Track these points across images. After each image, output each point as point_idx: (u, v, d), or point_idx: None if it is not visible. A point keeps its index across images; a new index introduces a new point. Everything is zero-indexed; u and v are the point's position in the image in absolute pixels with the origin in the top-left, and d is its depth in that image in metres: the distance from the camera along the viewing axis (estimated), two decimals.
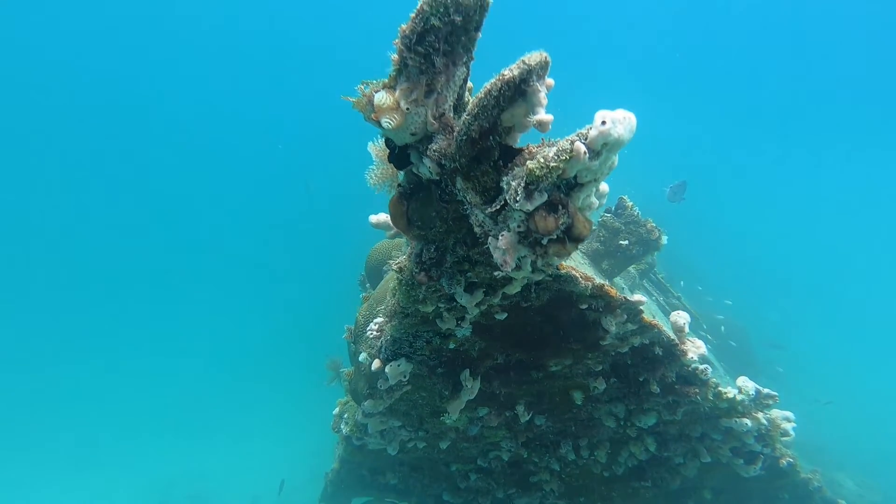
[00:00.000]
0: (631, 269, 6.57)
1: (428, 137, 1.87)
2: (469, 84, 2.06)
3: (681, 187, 11.07)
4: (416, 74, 1.70)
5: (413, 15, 1.59)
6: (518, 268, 1.91)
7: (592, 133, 1.48)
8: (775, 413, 4.28)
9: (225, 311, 31.92)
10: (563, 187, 1.63)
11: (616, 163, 1.68)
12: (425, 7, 1.56)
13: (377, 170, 2.07)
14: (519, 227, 1.69)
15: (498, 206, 1.72)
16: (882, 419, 17.19)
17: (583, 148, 1.50)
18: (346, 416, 4.57)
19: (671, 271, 16.27)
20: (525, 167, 1.60)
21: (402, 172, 2.10)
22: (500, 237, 1.74)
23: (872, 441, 15.40)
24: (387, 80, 1.79)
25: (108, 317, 31.64)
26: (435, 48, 1.64)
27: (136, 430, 19.50)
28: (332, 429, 4.69)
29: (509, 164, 1.83)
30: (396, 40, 1.66)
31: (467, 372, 3.25)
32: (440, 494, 5.23)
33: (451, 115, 1.89)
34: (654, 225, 5.07)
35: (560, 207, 1.61)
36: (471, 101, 1.72)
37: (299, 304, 30.18)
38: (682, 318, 3.19)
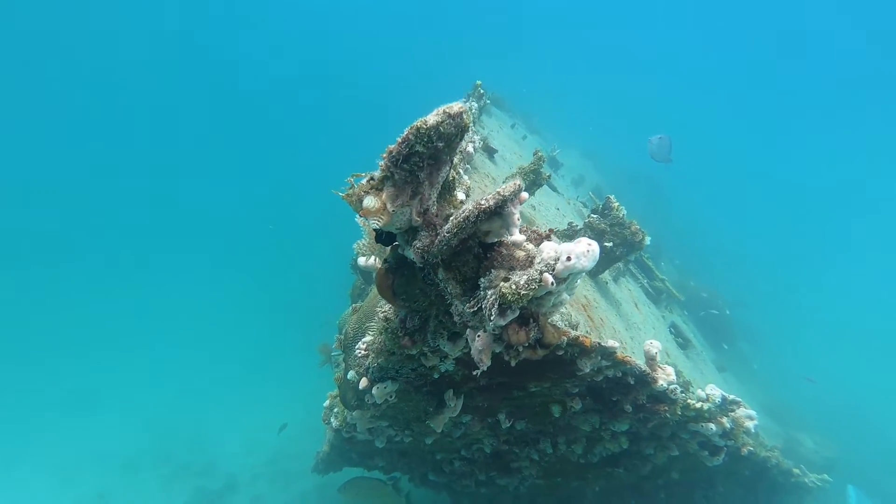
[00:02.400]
0: None
1: (413, 229, 1.93)
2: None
3: (665, 144, 10.51)
4: (402, 183, 1.76)
5: (399, 140, 1.66)
6: None
7: (559, 267, 1.60)
8: (739, 412, 4.57)
9: (221, 266, 32.21)
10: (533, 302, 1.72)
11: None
12: (410, 137, 1.63)
13: (365, 242, 2.14)
14: (494, 330, 1.79)
15: (475, 308, 1.80)
16: (846, 376, 18.20)
17: (550, 279, 1.60)
18: (335, 410, 4.77)
19: (666, 244, 16.60)
20: (499, 287, 1.68)
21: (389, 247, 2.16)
22: (476, 337, 1.83)
23: (836, 397, 16.36)
24: (374, 181, 1.84)
25: (110, 269, 31.92)
26: (419, 166, 1.71)
27: (134, 377, 20.01)
28: (323, 420, 4.90)
29: (490, 256, 1.92)
30: (384, 157, 1.72)
31: (451, 392, 3.42)
32: (426, 474, 5.58)
33: (435, 208, 1.95)
34: (638, 227, 5.15)
35: (531, 321, 1.72)
36: (451, 218, 1.76)
37: (298, 260, 30.54)
38: (653, 347, 3.35)
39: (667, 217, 19.91)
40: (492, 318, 1.68)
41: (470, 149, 3.58)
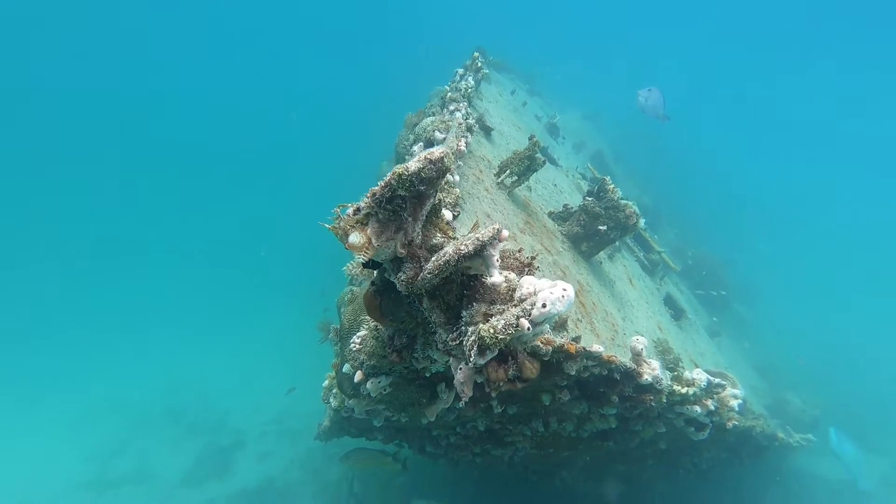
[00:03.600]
0: None
1: (398, 259, 1.97)
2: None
3: (656, 98, 9.72)
4: (386, 220, 1.79)
5: (382, 184, 1.69)
6: None
7: (535, 313, 1.65)
8: (724, 393, 4.73)
9: (227, 224, 32.53)
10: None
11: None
12: (392, 182, 1.66)
13: (355, 264, 2.18)
14: (475, 367, 1.86)
15: (457, 342, 1.87)
16: (833, 334, 18.58)
17: (526, 324, 1.66)
18: (334, 391, 4.94)
19: (666, 207, 16.54)
20: (478, 329, 1.73)
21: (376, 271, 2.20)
22: (458, 370, 1.91)
23: (824, 355, 16.77)
24: (359, 213, 1.86)
25: (117, 226, 32.35)
26: (402, 206, 1.73)
27: (143, 336, 20.54)
28: (322, 400, 5.08)
29: (472, 285, 1.97)
30: (368, 197, 1.74)
31: (444, 385, 3.55)
32: (423, 446, 5.84)
33: (420, 238, 1.98)
34: (633, 210, 5.16)
35: (510, 358, 1.78)
36: (433, 259, 1.80)
37: (302, 216, 30.79)
38: (639, 343, 3.44)
39: (669, 177, 19.77)
40: (472, 358, 1.75)
41: (462, 147, 3.55)
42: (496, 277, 1.80)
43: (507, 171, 4.79)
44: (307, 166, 38.14)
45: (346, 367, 3.66)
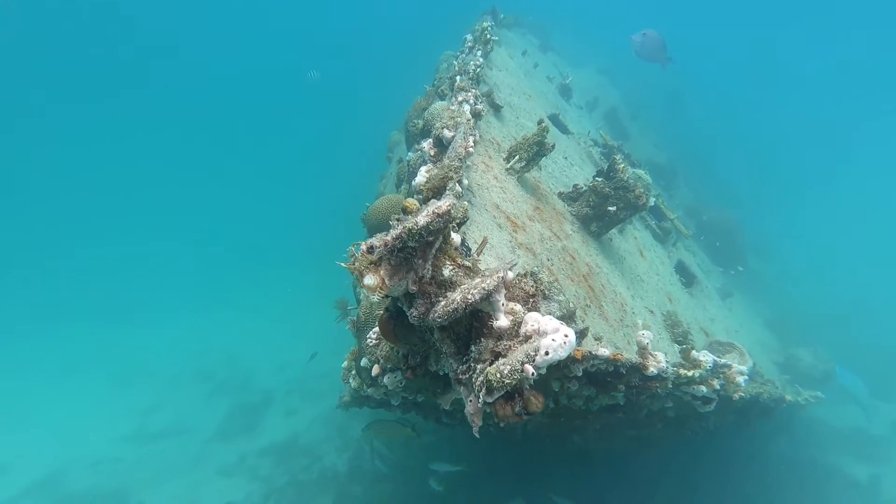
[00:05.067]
0: None
1: (410, 294, 2.10)
2: None
3: (653, 41, 9.13)
4: (398, 264, 1.91)
5: (393, 236, 1.82)
6: None
7: (539, 359, 1.78)
8: (731, 372, 4.88)
9: (249, 187, 32.99)
10: None
11: None
12: (403, 235, 1.78)
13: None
14: (483, 403, 2.01)
15: (466, 376, 2.02)
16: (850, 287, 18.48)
17: (531, 370, 1.79)
18: (353, 372, 5.20)
19: (683, 163, 16.18)
20: (486, 372, 1.86)
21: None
22: (468, 402, 2.06)
23: (836, 309, 16.80)
24: (373, 256, 1.98)
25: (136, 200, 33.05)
26: (413, 254, 1.85)
27: (167, 304, 21.29)
28: (342, 380, 5.35)
29: (480, 318, 2.10)
30: (380, 245, 1.84)
31: None
32: (439, 417, 6.16)
33: (430, 273, 2.09)
34: (642, 191, 5.15)
35: (516, 395, 1.92)
36: (441, 304, 1.91)
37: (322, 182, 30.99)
38: (645, 337, 3.56)
39: (689, 129, 19.22)
40: (480, 397, 1.89)
41: (471, 146, 3.57)
42: (502, 321, 1.93)
43: (517, 157, 4.80)
44: (329, 124, 37.96)
45: (364, 361, 3.86)
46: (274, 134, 40.52)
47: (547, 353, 1.79)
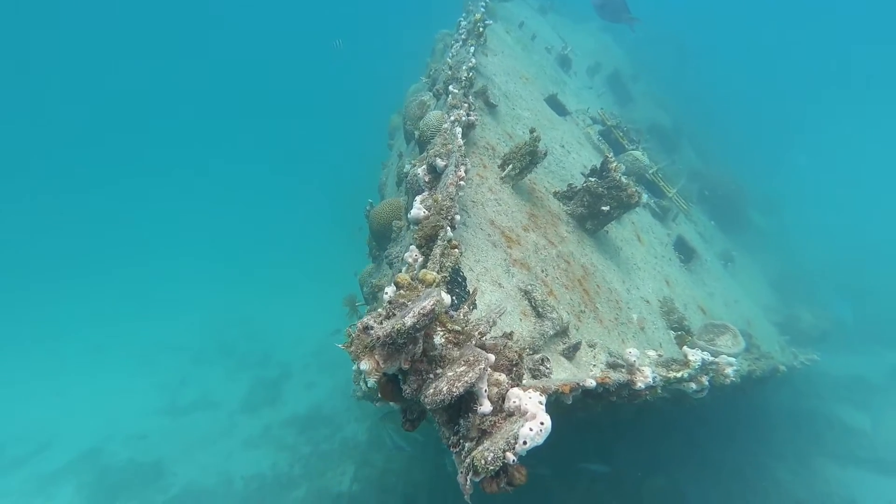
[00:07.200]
0: None
1: (404, 371, 2.34)
2: None
3: (616, 3, 8.71)
4: (391, 352, 2.14)
5: (385, 333, 2.03)
6: None
7: (518, 447, 2.03)
8: (721, 362, 5.13)
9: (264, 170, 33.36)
10: None
11: None
12: (393, 334, 1.98)
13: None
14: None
15: (457, 450, 2.28)
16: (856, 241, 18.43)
17: (512, 457, 2.03)
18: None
19: (688, 122, 15.83)
20: (472, 456, 2.11)
21: None
22: (459, 472, 2.33)
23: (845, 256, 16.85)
24: (369, 340, 2.21)
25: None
26: (404, 345, 2.07)
27: (187, 281, 21.92)
28: (353, 381, 5.70)
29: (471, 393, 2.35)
30: (374, 337, 2.06)
31: None
32: None
33: (421, 348, 2.32)
34: (634, 189, 5.25)
35: (501, 472, 2.18)
36: (430, 394, 2.14)
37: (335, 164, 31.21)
38: (632, 355, 3.79)
39: (693, 86, 18.72)
40: (468, 479, 2.16)
41: (462, 182, 3.71)
42: (485, 407, 2.17)
43: (511, 166, 4.91)
44: (353, 92, 37.84)
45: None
46: (294, 118, 40.74)
47: (525, 443, 2.04)
